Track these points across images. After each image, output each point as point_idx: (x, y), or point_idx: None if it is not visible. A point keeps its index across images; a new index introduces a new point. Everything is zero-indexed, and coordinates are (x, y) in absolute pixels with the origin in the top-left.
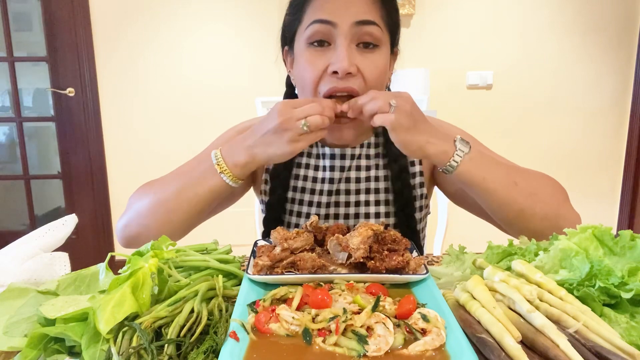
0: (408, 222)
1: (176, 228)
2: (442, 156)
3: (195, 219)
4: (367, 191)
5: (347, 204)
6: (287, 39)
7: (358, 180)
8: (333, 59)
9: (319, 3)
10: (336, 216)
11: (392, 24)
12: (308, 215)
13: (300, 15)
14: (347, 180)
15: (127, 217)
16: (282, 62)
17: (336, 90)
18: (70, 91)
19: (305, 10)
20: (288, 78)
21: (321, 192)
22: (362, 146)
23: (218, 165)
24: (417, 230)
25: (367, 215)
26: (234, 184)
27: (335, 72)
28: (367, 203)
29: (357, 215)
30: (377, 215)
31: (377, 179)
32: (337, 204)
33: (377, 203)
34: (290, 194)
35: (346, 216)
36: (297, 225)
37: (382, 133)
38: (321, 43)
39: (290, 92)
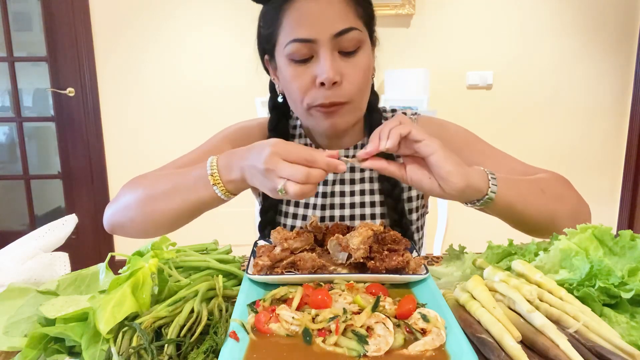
0: (401, 222)
1: (160, 226)
2: (482, 184)
3: (181, 222)
4: (362, 192)
5: (342, 206)
6: (267, 49)
7: (352, 181)
8: (318, 70)
9: (294, 18)
10: (332, 218)
11: (368, 18)
12: (304, 217)
13: (277, 28)
14: (342, 182)
15: (115, 206)
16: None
17: (324, 106)
18: (70, 91)
19: (281, 23)
20: (271, 84)
21: (316, 194)
22: (355, 147)
23: (212, 176)
24: (410, 229)
25: (362, 217)
26: (226, 197)
27: (322, 84)
28: (362, 204)
29: (352, 217)
30: (373, 216)
31: (371, 180)
32: (332, 206)
33: (372, 204)
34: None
35: (341, 218)
36: (292, 228)
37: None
38: (303, 57)
39: (275, 97)
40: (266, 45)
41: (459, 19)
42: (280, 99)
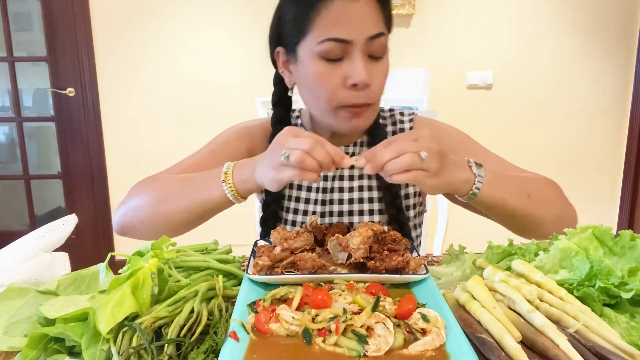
0: (399, 220)
1: (170, 227)
2: (465, 186)
3: (190, 224)
4: (361, 188)
5: (341, 202)
6: (285, 42)
7: (351, 177)
8: (350, 71)
9: (331, 16)
10: (331, 213)
11: (390, 25)
12: (305, 213)
13: (308, 24)
14: (341, 178)
15: (124, 207)
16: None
17: (356, 106)
18: (70, 91)
19: (314, 19)
20: (276, 76)
21: (317, 190)
22: (355, 144)
23: (225, 174)
24: (408, 225)
25: (361, 213)
26: (233, 198)
27: (354, 85)
28: (360, 200)
29: (351, 213)
30: (371, 212)
31: (370, 176)
32: (331, 202)
33: (371, 200)
34: (286, 191)
35: (340, 213)
36: (294, 222)
37: (372, 131)
38: (335, 57)
39: (280, 90)
40: (289, 38)
41: (459, 19)
42: (290, 93)
